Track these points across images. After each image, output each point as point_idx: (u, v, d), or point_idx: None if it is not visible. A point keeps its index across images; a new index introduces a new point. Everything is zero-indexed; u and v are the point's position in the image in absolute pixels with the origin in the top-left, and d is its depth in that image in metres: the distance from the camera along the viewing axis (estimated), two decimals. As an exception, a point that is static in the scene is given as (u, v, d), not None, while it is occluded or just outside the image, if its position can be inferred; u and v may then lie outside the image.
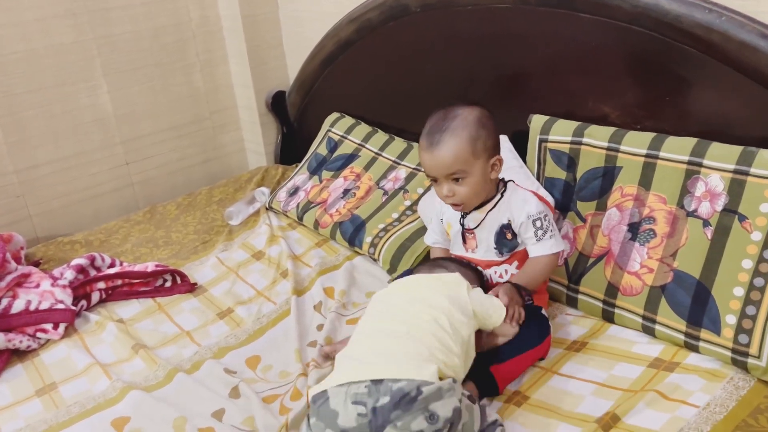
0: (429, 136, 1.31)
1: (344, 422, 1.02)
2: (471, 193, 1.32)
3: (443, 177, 1.31)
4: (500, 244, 1.40)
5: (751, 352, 1.21)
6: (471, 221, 1.41)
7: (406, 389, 1.02)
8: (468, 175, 1.30)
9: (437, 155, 1.29)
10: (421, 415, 1.01)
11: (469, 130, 1.29)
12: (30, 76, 2.07)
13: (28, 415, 1.35)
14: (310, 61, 2.35)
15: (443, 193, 1.33)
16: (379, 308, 1.25)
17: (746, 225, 1.26)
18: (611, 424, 1.15)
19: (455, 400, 1.04)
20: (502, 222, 1.38)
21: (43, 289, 1.61)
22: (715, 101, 1.38)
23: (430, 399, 1.02)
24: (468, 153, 1.29)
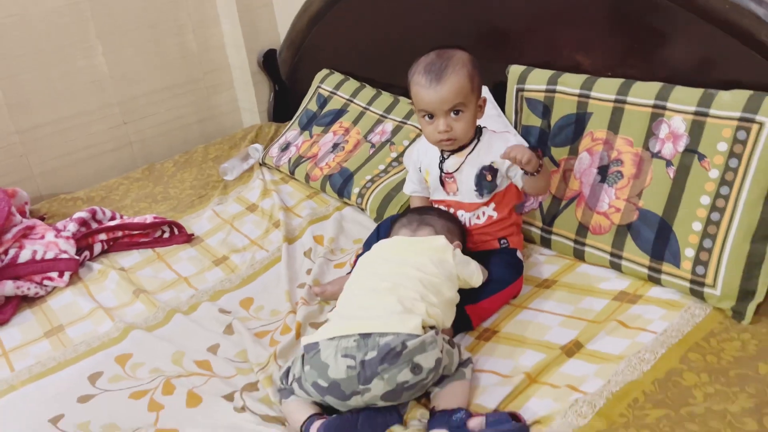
0: (428, 74, 1.36)
1: (334, 374, 1.11)
2: (466, 127, 1.38)
3: (443, 111, 1.36)
4: (480, 186, 1.46)
5: (707, 282, 1.30)
6: (450, 166, 1.48)
7: (392, 344, 1.10)
8: (466, 109, 1.37)
9: (440, 89, 1.34)
10: (406, 368, 1.09)
11: (467, 67, 1.36)
12: (26, 39, 2.13)
13: (38, 353, 1.45)
14: (299, 18, 2.40)
15: (440, 128, 1.37)
16: (367, 270, 1.33)
17: (705, 163, 1.33)
18: (574, 350, 1.24)
19: (437, 352, 1.12)
20: (483, 164, 1.44)
21: (47, 240, 1.71)
22: (679, 48, 1.44)
23: (415, 352, 1.10)
24: (468, 87, 1.35)
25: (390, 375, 1.09)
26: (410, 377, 1.10)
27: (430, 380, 1.13)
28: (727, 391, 1.10)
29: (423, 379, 1.11)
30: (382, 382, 1.09)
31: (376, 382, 1.09)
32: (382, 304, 1.20)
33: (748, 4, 1.28)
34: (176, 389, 1.27)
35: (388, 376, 1.09)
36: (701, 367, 1.16)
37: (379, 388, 1.09)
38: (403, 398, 1.13)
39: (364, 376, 1.09)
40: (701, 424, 1.04)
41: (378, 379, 1.09)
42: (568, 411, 1.09)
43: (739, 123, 1.29)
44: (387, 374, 1.09)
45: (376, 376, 1.09)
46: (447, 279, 1.28)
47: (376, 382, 1.09)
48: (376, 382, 1.09)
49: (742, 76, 1.34)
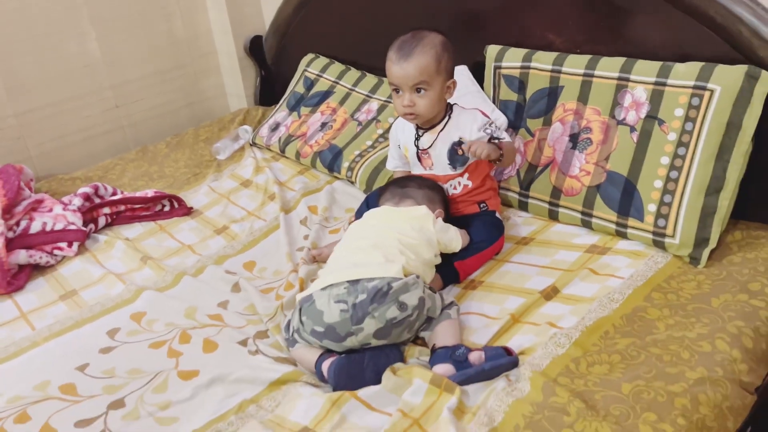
0: (399, 51, 1.49)
1: (329, 318, 1.24)
2: (429, 105, 1.50)
3: (408, 87, 1.48)
4: (453, 160, 1.59)
5: (667, 233, 1.46)
6: (424, 142, 1.61)
7: (379, 285, 1.24)
8: (429, 88, 1.49)
9: (406, 66, 1.47)
10: (393, 305, 1.23)
11: (436, 49, 1.48)
12: (22, 24, 2.20)
13: (56, 314, 1.55)
14: (285, 5, 2.51)
15: (404, 102, 1.50)
16: (354, 234, 1.46)
17: (664, 128, 1.49)
18: (552, 295, 1.39)
19: (420, 291, 1.26)
20: (453, 140, 1.57)
21: (56, 213, 1.80)
22: (640, 25, 1.60)
23: (400, 292, 1.24)
24: (433, 68, 1.47)
25: (380, 313, 1.22)
26: (397, 313, 1.23)
27: (415, 317, 1.25)
28: (685, 322, 1.26)
29: (409, 316, 1.24)
30: (373, 320, 1.22)
31: (368, 320, 1.22)
32: (367, 257, 1.34)
33: (699, -15, 1.44)
34: (192, 338, 1.39)
35: (378, 314, 1.22)
36: (663, 303, 1.32)
37: (371, 326, 1.22)
38: (393, 335, 1.25)
39: (357, 317, 1.22)
40: (663, 347, 1.19)
41: (369, 318, 1.22)
42: (548, 342, 1.23)
43: (693, 91, 1.45)
44: (377, 312, 1.22)
45: (368, 315, 1.22)
46: (426, 243, 1.41)
47: (368, 321, 1.22)
48: (368, 320, 1.22)
49: (695, 49, 1.50)
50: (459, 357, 1.20)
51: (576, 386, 1.12)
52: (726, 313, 1.26)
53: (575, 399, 1.08)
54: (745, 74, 1.40)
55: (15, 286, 1.64)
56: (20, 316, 1.55)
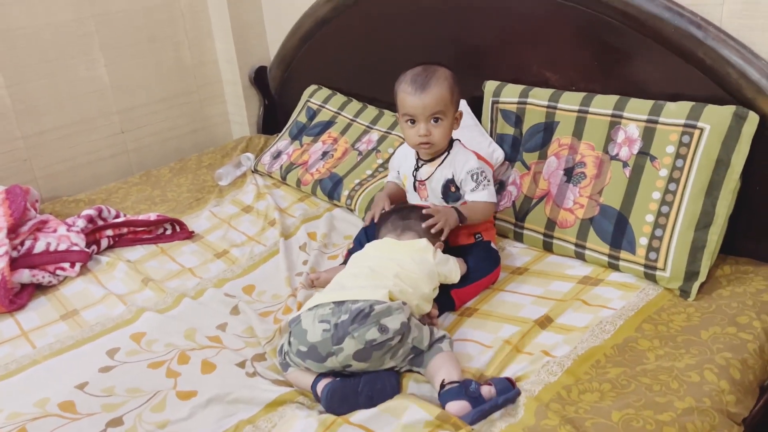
0: (414, 83, 1.53)
1: (312, 338, 1.26)
2: (443, 135, 1.55)
3: (424, 117, 1.53)
4: (446, 196, 1.63)
5: (658, 266, 1.50)
6: (422, 174, 1.65)
7: (362, 307, 1.26)
8: (445, 117, 1.54)
9: (424, 97, 1.51)
10: (374, 327, 1.24)
11: (449, 81, 1.54)
12: (35, 49, 2.27)
13: (57, 333, 1.57)
14: (290, 37, 2.58)
15: (420, 132, 1.54)
16: (353, 263, 1.49)
17: (656, 164, 1.54)
18: (546, 324, 1.42)
19: (403, 317, 1.26)
20: (447, 177, 1.61)
21: (60, 234, 1.84)
22: (633, 65, 1.66)
23: (382, 315, 1.25)
24: (448, 98, 1.53)
25: (359, 333, 1.23)
26: (377, 335, 1.23)
27: (397, 342, 1.25)
28: (675, 353, 1.29)
29: (389, 339, 1.24)
30: (353, 340, 1.23)
31: (347, 341, 1.23)
32: (357, 281, 1.37)
33: (689, 28, 1.50)
34: (191, 359, 1.41)
35: (358, 334, 1.23)
36: (653, 334, 1.35)
37: (351, 346, 1.23)
38: (374, 358, 1.25)
39: (337, 337, 1.24)
40: (653, 377, 1.22)
41: (349, 338, 1.23)
42: (540, 370, 1.26)
43: (684, 129, 1.50)
44: (357, 333, 1.23)
45: (348, 335, 1.24)
46: (427, 276, 1.42)
47: (347, 341, 1.24)
48: (348, 340, 1.23)
49: (685, 89, 1.56)
50: (473, 393, 1.19)
51: (567, 413, 1.14)
52: (714, 345, 1.29)
53: (566, 425, 1.10)
54: (733, 114, 1.45)
55: (17, 305, 1.66)
56: (21, 335, 1.58)
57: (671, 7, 1.53)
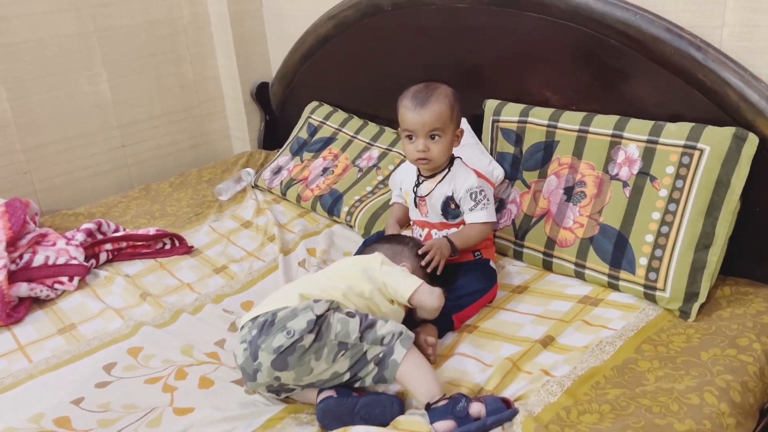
0: (414, 99, 1.53)
1: (239, 360, 1.28)
2: (442, 151, 1.55)
3: (423, 133, 1.53)
4: (446, 213, 1.63)
5: (658, 287, 1.50)
6: (423, 190, 1.65)
7: (266, 317, 1.26)
8: (443, 134, 1.54)
9: (423, 113, 1.52)
10: (279, 333, 1.23)
11: (449, 98, 1.55)
12: (37, 63, 2.28)
13: (54, 347, 1.56)
14: (292, 54, 2.60)
15: (418, 147, 1.54)
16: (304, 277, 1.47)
17: (656, 184, 1.54)
18: (548, 342, 1.42)
19: (310, 315, 1.23)
20: (447, 194, 1.61)
21: (58, 247, 1.83)
22: (633, 85, 1.67)
23: (286, 319, 1.24)
24: (447, 115, 1.53)
25: (267, 344, 1.22)
26: (284, 340, 1.21)
27: (311, 342, 1.21)
28: (675, 374, 1.28)
29: (297, 340, 1.21)
30: (264, 353, 1.22)
31: (260, 354, 1.23)
32: (280, 295, 1.35)
33: (689, 49, 1.52)
34: (188, 375, 1.40)
35: (265, 345, 1.22)
36: (653, 355, 1.34)
37: (265, 359, 1.22)
38: (294, 365, 1.22)
39: (253, 353, 1.24)
40: (652, 399, 1.21)
41: (261, 352, 1.23)
42: (540, 390, 1.25)
43: (684, 150, 1.51)
44: (264, 344, 1.23)
45: (259, 349, 1.23)
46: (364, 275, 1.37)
47: (261, 355, 1.23)
48: (261, 354, 1.23)
49: (685, 110, 1.57)
50: (460, 412, 1.17)
51: (566, 434, 1.14)
52: (715, 367, 1.29)
53: (565, 446, 1.09)
54: (733, 135, 1.46)
55: (14, 318, 1.65)
56: (18, 348, 1.57)
57: (671, 29, 1.55)
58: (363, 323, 1.27)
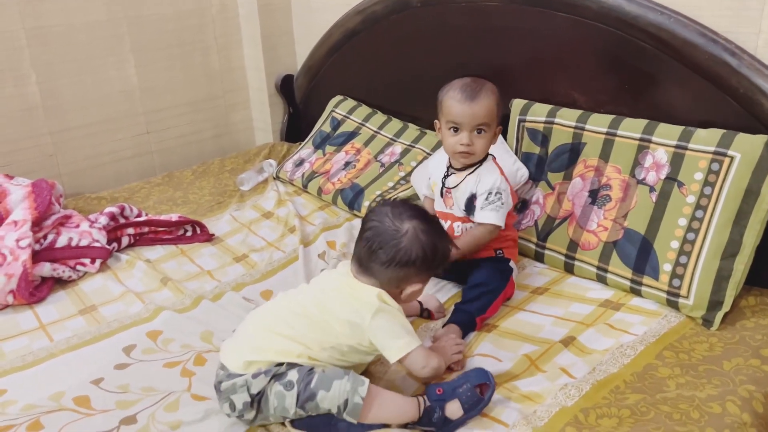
0: (464, 92, 1.53)
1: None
2: (484, 146, 1.55)
3: (470, 126, 1.52)
4: (468, 209, 1.62)
5: (681, 294, 1.48)
6: (451, 182, 1.64)
7: (218, 378, 1.23)
8: (488, 129, 1.54)
9: (473, 106, 1.51)
10: (225, 402, 1.21)
11: (496, 95, 1.55)
12: (67, 48, 2.30)
13: (75, 327, 1.58)
14: (318, 48, 2.60)
15: (463, 140, 1.53)
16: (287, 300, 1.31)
17: (683, 190, 1.52)
18: (570, 342, 1.41)
19: (245, 396, 1.17)
20: (471, 191, 1.60)
21: (82, 229, 1.85)
22: (664, 90, 1.65)
23: (228, 392, 1.19)
24: (494, 111, 1.53)
25: (221, 403, 1.22)
26: (229, 411, 1.20)
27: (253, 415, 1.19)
28: (696, 382, 1.27)
29: (241, 415, 1.19)
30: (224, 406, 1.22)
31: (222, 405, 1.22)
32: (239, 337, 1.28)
33: (723, 55, 1.50)
34: (207, 362, 1.41)
35: (221, 403, 1.22)
36: (674, 362, 1.33)
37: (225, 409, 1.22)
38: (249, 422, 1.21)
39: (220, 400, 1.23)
40: (673, 406, 1.20)
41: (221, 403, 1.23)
42: (558, 393, 1.24)
43: (714, 156, 1.49)
44: (220, 401, 1.23)
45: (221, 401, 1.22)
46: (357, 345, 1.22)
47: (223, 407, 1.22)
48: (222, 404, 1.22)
49: (717, 116, 1.55)
50: (437, 422, 1.17)
51: (585, 437, 1.13)
52: (737, 377, 1.27)
53: (584, 449, 1.08)
54: (765, 143, 1.43)
55: (37, 298, 1.67)
56: (39, 327, 1.58)
57: (705, 34, 1.53)
58: (301, 397, 1.16)
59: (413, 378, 1.32)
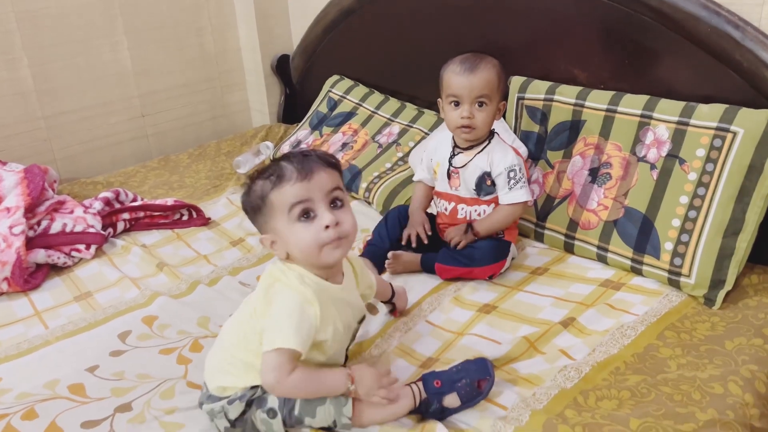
0: (463, 64, 1.51)
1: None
2: (485, 120, 1.53)
3: (470, 99, 1.50)
4: (479, 189, 1.60)
5: (683, 272, 1.46)
6: (458, 161, 1.61)
7: (200, 398, 1.21)
8: (490, 103, 1.51)
9: (472, 78, 1.49)
10: (210, 422, 1.18)
11: (497, 68, 1.53)
12: (58, 30, 2.26)
13: (70, 314, 1.56)
14: (314, 27, 2.55)
15: (463, 114, 1.51)
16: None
17: (685, 167, 1.49)
18: (569, 323, 1.39)
19: (224, 421, 1.13)
20: (484, 169, 1.58)
21: (76, 215, 1.83)
22: (665, 64, 1.61)
23: (209, 414, 1.16)
24: (495, 83, 1.51)
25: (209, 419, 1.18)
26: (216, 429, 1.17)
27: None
28: (698, 362, 1.25)
29: None
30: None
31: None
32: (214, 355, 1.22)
33: (726, 28, 1.46)
34: (204, 348, 1.39)
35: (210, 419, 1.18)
36: (675, 343, 1.31)
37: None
38: None
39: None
40: (674, 387, 1.18)
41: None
42: (557, 375, 1.23)
43: (716, 132, 1.46)
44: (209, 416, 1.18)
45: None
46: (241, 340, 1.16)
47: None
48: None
49: (719, 91, 1.51)
50: (435, 413, 1.16)
51: (583, 419, 1.11)
52: (740, 357, 1.25)
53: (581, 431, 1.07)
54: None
55: (31, 285, 1.66)
56: (34, 314, 1.57)
57: (708, 6, 1.49)
58: (288, 423, 1.12)
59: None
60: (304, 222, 1.09)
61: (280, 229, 1.11)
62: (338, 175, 1.14)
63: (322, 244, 1.09)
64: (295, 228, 1.09)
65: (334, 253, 1.11)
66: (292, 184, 1.08)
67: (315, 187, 1.09)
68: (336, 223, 1.09)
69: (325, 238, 1.08)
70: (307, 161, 1.11)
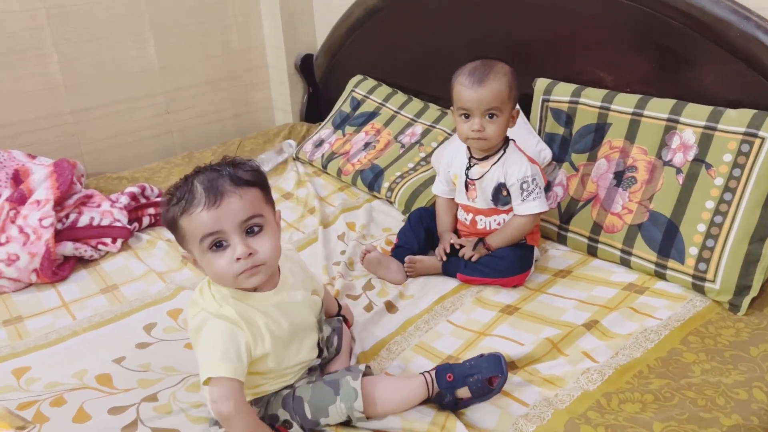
0: (472, 76, 1.49)
1: None
2: (497, 131, 1.51)
3: (480, 112, 1.49)
4: (496, 199, 1.60)
5: (707, 278, 1.45)
6: (474, 173, 1.61)
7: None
8: (500, 114, 1.50)
9: (480, 90, 1.48)
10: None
11: (508, 77, 1.50)
12: (87, 26, 2.30)
13: (96, 306, 1.59)
14: (338, 26, 2.57)
15: (474, 127, 1.50)
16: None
17: (711, 172, 1.49)
18: (592, 325, 1.38)
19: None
20: (500, 180, 1.57)
21: (103, 209, 1.86)
22: (693, 69, 1.60)
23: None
24: (505, 94, 1.49)
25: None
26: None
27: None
28: (722, 368, 1.24)
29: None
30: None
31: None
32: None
33: (755, 33, 1.45)
34: (227, 341, 1.41)
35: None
36: (699, 348, 1.30)
37: None
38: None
39: None
40: (698, 392, 1.18)
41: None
42: (580, 377, 1.23)
43: (744, 137, 1.45)
44: None
45: None
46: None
47: None
48: None
49: (747, 96, 1.50)
50: (449, 405, 1.17)
51: (606, 420, 1.11)
52: (765, 363, 1.24)
53: (606, 434, 1.07)
54: (797, 125, 1.39)
55: (59, 276, 1.69)
56: (62, 305, 1.60)
57: (737, 10, 1.48)
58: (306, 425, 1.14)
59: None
60: (216, 251, 1.05)
61: (195, 254, 1.08)
62: (257, 191, 1.08)
63: (236, 274, 1.05)
64: (208, 257, 1.05)
65: (251, 281, 1.07)
66: (200, 212, 1.02)
67: (226, 215, 1.02)
68: (249, 254, 1.04)
69: (237, 269, 1.04)
70: (219, 182, 1.04)
